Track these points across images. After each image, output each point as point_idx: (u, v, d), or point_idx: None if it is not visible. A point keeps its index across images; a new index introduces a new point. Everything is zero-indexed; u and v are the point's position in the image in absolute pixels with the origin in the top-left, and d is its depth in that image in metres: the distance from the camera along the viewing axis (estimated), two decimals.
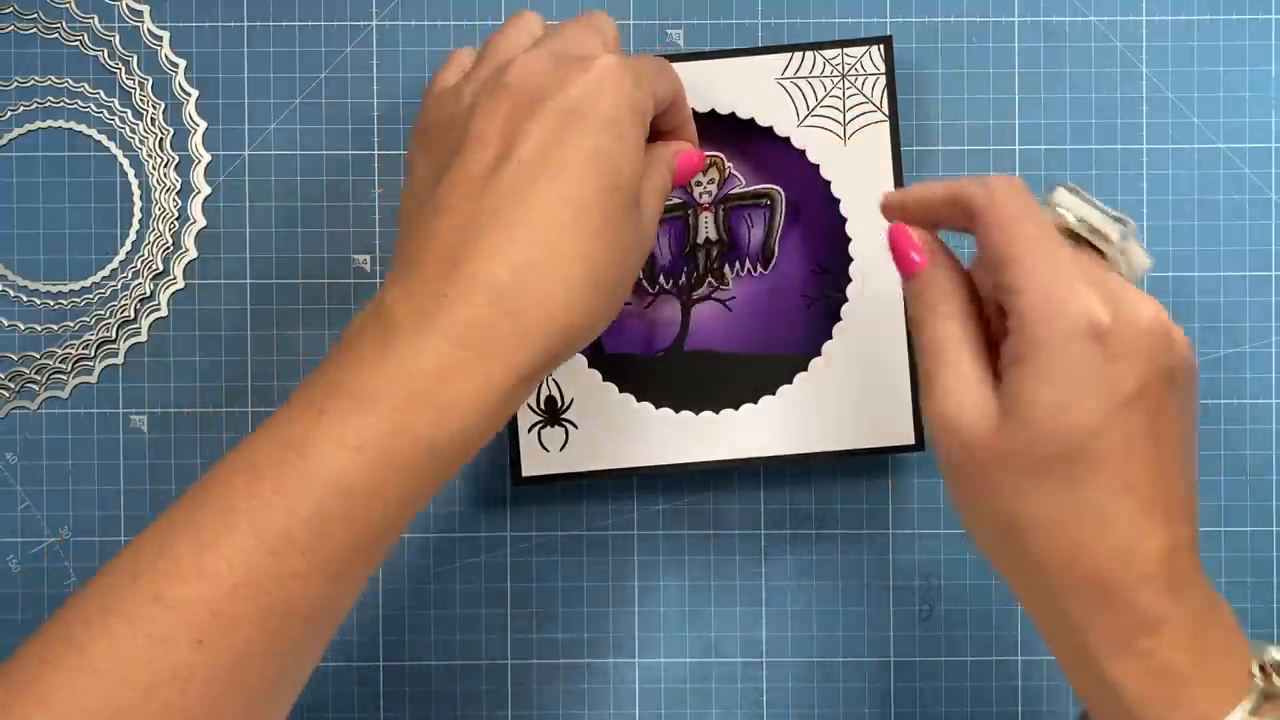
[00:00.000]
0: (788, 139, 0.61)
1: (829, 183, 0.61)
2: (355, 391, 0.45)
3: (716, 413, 0.61)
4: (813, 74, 0.61)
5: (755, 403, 0.61)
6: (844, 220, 0.61)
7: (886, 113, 0.61)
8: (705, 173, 0.62)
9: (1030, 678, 0.64)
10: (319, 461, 0.44)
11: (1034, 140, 0.63)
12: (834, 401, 0.61)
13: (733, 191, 0.62)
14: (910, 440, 0.61)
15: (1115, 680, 0.46)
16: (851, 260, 0.61)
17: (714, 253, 0.62)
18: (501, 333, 0.46)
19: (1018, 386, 0.46)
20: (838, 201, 0.61)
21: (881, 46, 0.61)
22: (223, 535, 0.44)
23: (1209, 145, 0.63)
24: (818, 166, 0.61)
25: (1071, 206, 0.48)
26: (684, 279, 0.62)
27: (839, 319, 0.61)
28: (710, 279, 0.62)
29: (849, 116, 0.61)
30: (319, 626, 0.46)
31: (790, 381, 0.61)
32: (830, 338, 0.61)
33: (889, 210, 0.51)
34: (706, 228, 0.62)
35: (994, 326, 0.49)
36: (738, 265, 0.62)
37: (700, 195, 0.62)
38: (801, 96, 0.61)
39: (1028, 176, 0.63)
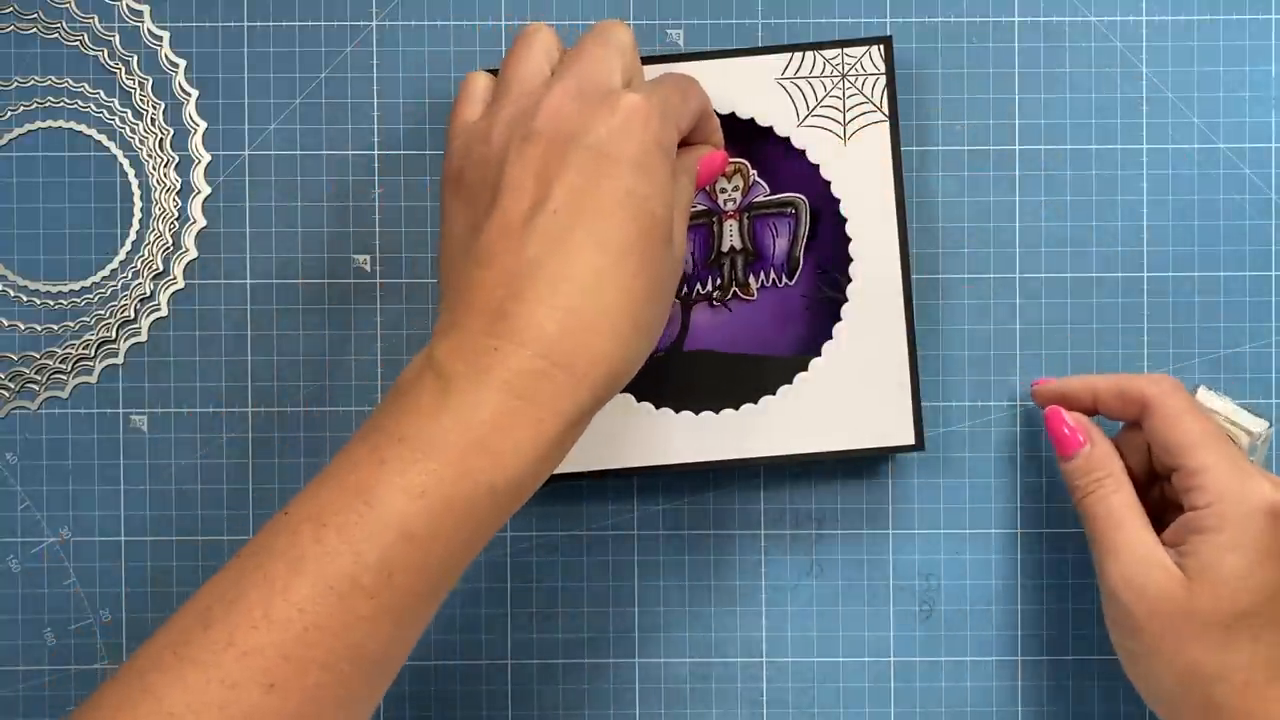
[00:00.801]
0: (788, 139, 0.61)
1: (829, 183, 0.61)
2: (416, 441, 0.47)
3: (716, 413, 0.61)
4: (813, 74, 0.61)
5: (755, 403, 0.61)
6: (844, 220, 0.61)
7: (886, 113, 0.61)
8: (730, 179, 0.62)
9: (1030, 678, 0.64)
10: (383, 508, 0.46)
11: (1034, 140, 0.63)
12: (834, 401, 0.61)
13: (757, 200, 0.62)
14: (910, 440, 0.61)
15: None
16: (851, 260, 0.61)
17: (739, 262, 0.62)
18: (552, 382, 0.48)
19: (1206, 554, 0.54)
20: (838, 201, 0.61)
21: (881, 46, 0.61)
22: (292, 582, 0.45)
23: (1209, 145, 0.63)
24: (818, 166, 0.61)
25: (1220, 408, 0.58)
26: (710, 287, 0.62)
27: (839, 319, 0.61)
28: (735, 288, 0.62)
29: (849, 116, 0.61)
30: (384, 667, 0.47)
31: (790, 381, 0.61)
32: (830, 338, 0.61)
33: (1042, 397, 0.60)
34: (731, 236, 0.62)
35: (1152, 496, 0.59)
36: (762, 275, 0.62)
37: (725, 203, 0.62)
38: (801, 96, 0.61)
39: (1028, 177, 0.63)
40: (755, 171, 0.61)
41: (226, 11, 0.63)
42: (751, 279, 0.62)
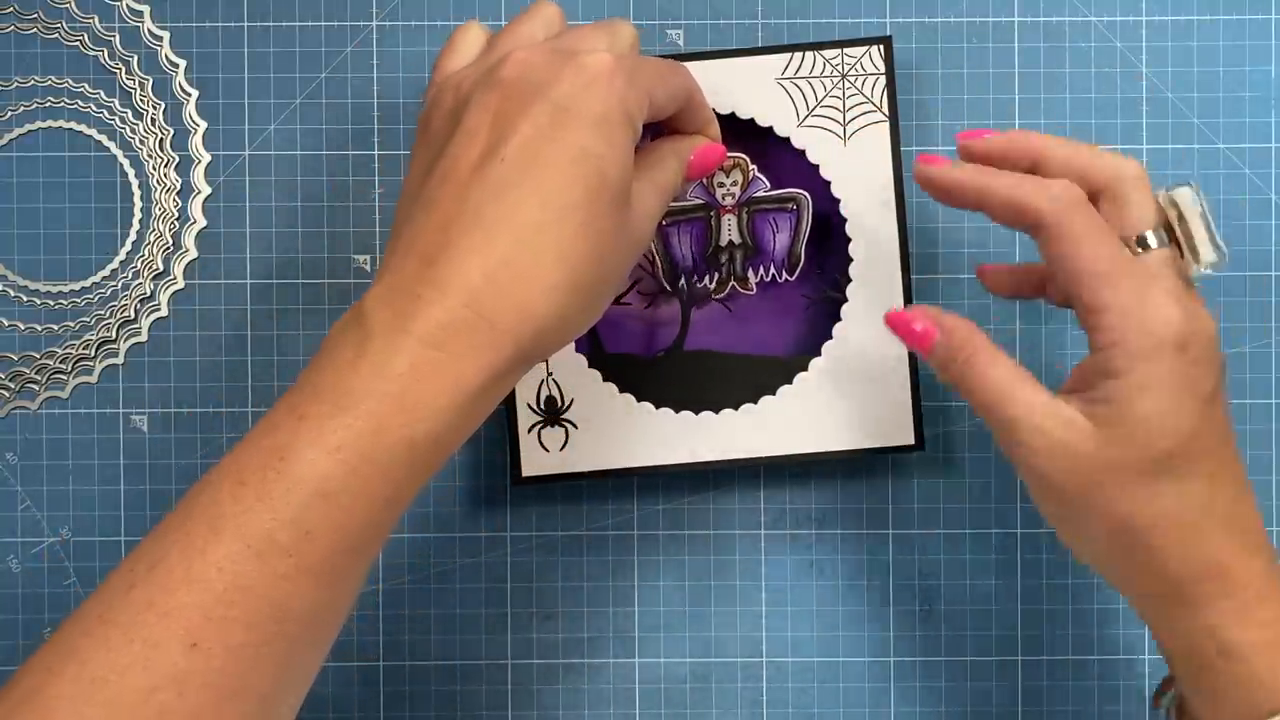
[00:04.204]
0: (788, 139, 0.61)
1: (829, 183, 0.61)
2: (332, 395, 0.46)
3: (716, 413, 0.61)
4: (813, 74, 0.61)
5: (755, 403, 0.61)
6: (844, 220, 0.61)
7: (886, 113, 0.61)
8: (728, 174, 0.61)
9: (1030, 678, 0.64)
10: (299, 465, 0.45)
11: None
12: (834, 401, 0.61)
13: (757, 195, 0.61)
14: (910, 440, 0.61)
15: (1244, 654, 0.49)
16: (851, 260, 0.61)
17: (737, 256, 0.62)
18: (475, 334, 0.46)
19: (1116, 399, 0.49)
20: (838, 201, 0.61)
21: (881, 46, 0.61)
22: (210, 542, 0.45)
23: (1209, 145, 0.63)
24: (818, 166, 0.61)
25: (1188, 213, 0.51)
26: (707, 282, 0.62)
27: (839, 319, 0.61)
28: (734, 283, 0.62)
29: (849, 117, 0.61)
30: (313, 628, 0.46)
31: (790, 381, 0.61)
32: (830, 338, 0.61)
33: (931, 184, 0.53)
34: (730, 230, 0.62)
35: None
36: (761, 270, 0.62)
37: (723, 197, 0.61)
38: (801, 96, 0.61)
39: None
40: (755, 167, 0.61)
41: (226, 11, 0.63)
42: (751, 274, 0.62)
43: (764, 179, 0.61)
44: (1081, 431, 0.50)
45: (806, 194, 0.61)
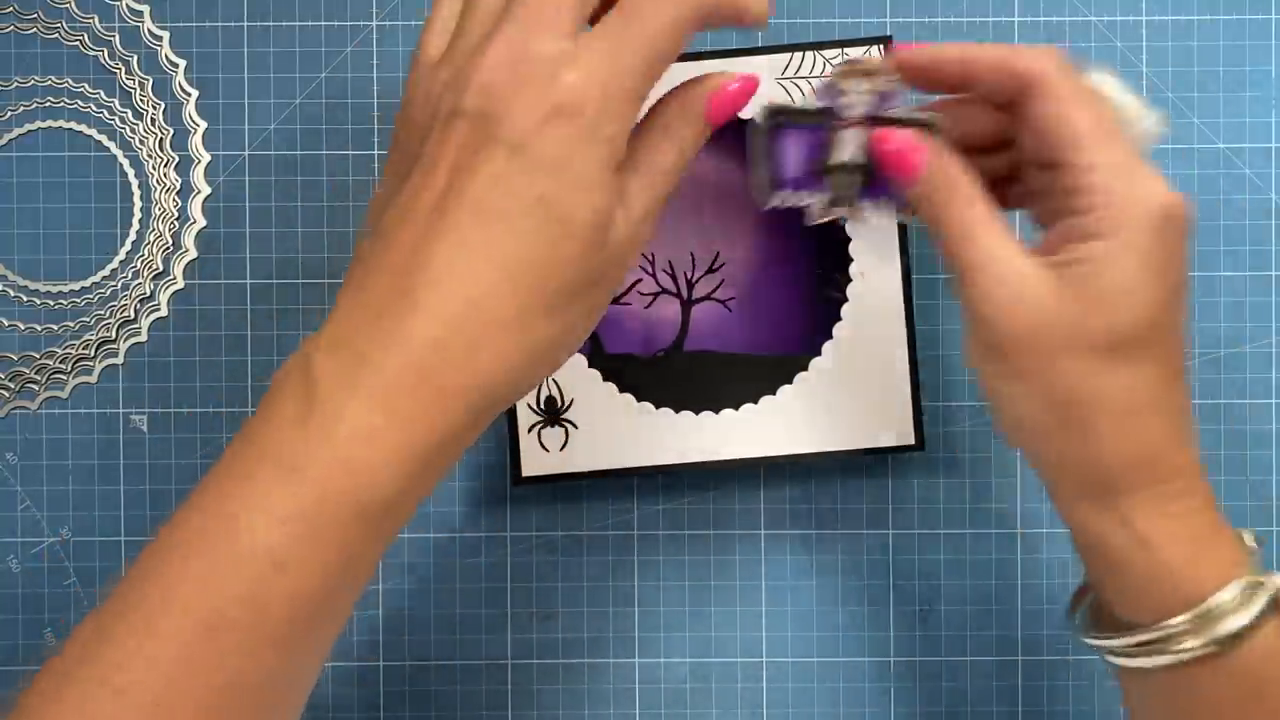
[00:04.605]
0: None
1: None
2: (277, 457, 0.44)
3: (716, 413, 0.61)
4: (813, 74, 0.61)
5: (755, 403, 0.61)
6: (844, 220, 0.61)
7: None
8: (859, 80, 0.51)
9: (1030, 678, 0.64)
10: (248, 536, 0.43)
11: None
12: (834, 401, 0.61)
13: (890, 111, 0.51)
14: (910, 440, 0.61)
15: (1163, 544, 0.48)
16: (851, 260, 0.61)
17: (855, 179, 0.51)
18: (422, 399, 0.44)
19: (1088, 264, 0.47)
20: None
21: (881, 46, 0.61)
22: (159, 619, 0.43)
23: (1209, 145, 0.63)
24: None
25: (1113, 93, 0.50)
26: (812, 202, 0.52)
27: (839, 319, 0.61)
28: (845, 207, 0.52)
29: None
30: (276, 695, 0.45)
31: (790, 381, 0.61)
32: (830, 338, 0.61)
33: (906, 68, 0.51)
34: (848, 148, 0.51)
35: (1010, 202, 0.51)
36: (880, 202, 0.52)
37: (847, 107, 0.51)
38: (801, 96, 0.61)
39: None
40: (895, 76, 0.51)
41: (226, 11, 0.63)
42: (868, 205, 0.52)
43: (905, 92, 0.52)
44: (1046, 290, 0.47)
45: (945, 117, 0.51)
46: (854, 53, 0.61)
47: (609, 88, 0.45)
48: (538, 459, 0.61)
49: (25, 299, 0.63)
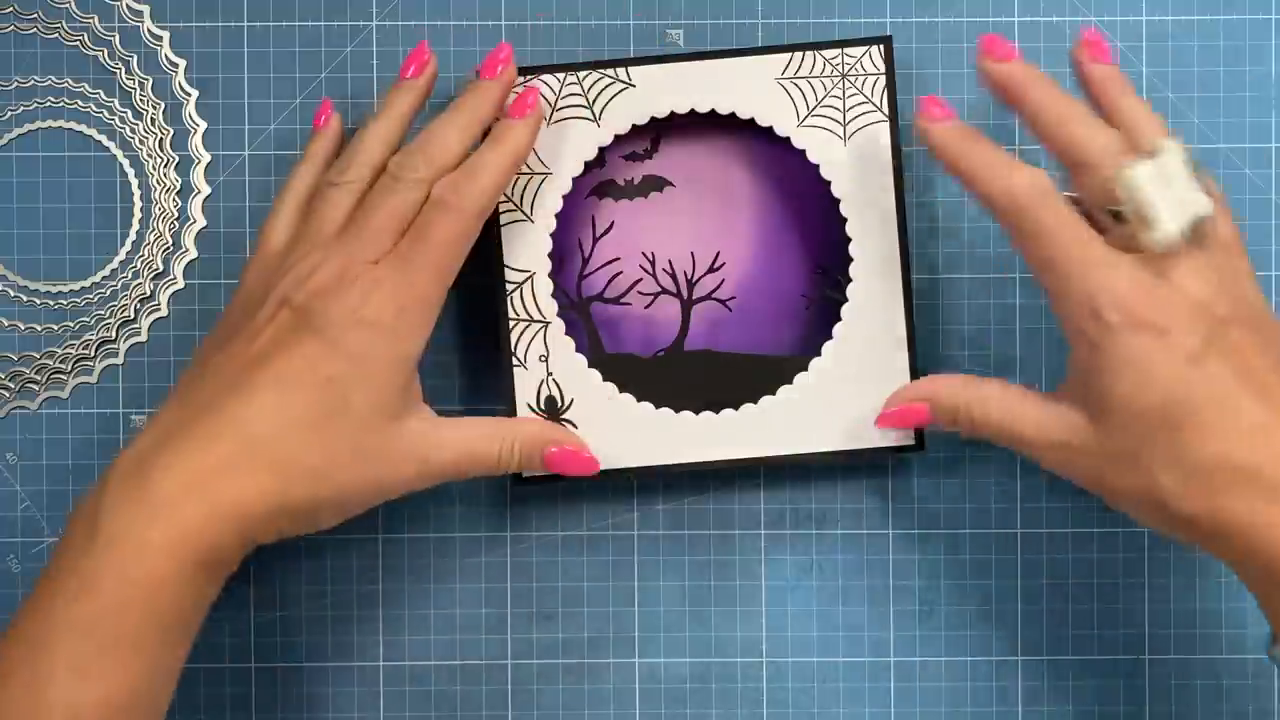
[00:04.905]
0: (788, 139, 0.61)
1: (829, 183, 0.61)
2: (76, 574, 0.50)
3: (716, 413, 0.61)
4: (813, 74, 0.61)
5: (755, 403, 0.61)
6: (844, 220, 0.61)
7: (886, 113, 0.61)
8: None
9: (1030, 678, 0.64)
10: (53, 651, 0.49)
11: (1034, 140, 0.63)
12: (834, 401, 0.61)
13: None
14: (910, 440, 0.61)
15: None
16: (851, 260, 0.61)
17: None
18: (191, 515, 0.51)
19: (1094, 388, 0.52)
20: (838, 201, 0.61)
21: (881, 46, 0.61)
22: None
23: (1209, 145, 0.63)
24: (818, 166, 0.61)
25: (1139, 194, 0.52)
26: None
27: (839, 319, 0.61)
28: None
29: (849, 116, 0.61)
30: None
31: (790, 381, 0.61)
32: (830, 338, 0.61)
33: (925, 137, 0.57)
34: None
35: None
36: None
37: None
38: (801, 96, 0.61)
39: None
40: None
41: (226, 11, 0.63)
42: None
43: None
44: (1083, 431, 0.53)
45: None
46: (854, 53, 0.61)
47: (404, 300, 0.54)
48: None
49: (25, 299, 0.63)
